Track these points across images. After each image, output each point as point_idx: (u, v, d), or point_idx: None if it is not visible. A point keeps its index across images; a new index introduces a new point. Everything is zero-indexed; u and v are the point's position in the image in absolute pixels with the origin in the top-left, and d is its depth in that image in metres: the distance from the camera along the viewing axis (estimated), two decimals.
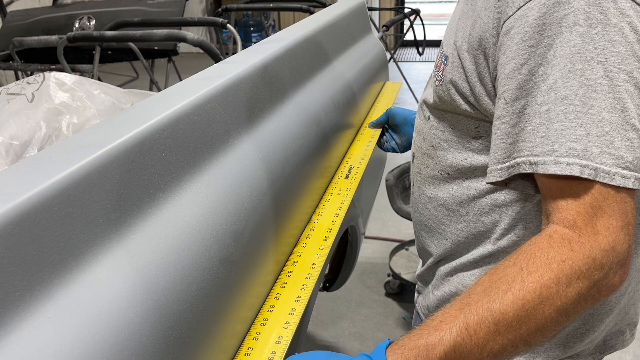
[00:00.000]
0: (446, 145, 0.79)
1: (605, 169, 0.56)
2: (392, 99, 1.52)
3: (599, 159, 0.56)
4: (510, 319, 0.56)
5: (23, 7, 3.59)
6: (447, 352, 0.57)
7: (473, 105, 0.71)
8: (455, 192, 0.80)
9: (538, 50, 0.59)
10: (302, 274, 0.82)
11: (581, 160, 0.56)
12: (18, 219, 0.43)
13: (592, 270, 0.56)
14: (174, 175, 0.63)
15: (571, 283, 0.55)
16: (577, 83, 0.57)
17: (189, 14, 6.14)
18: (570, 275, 0.55)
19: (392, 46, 5.93)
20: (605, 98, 0.56)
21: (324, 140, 1.05)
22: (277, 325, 0.72)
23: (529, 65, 0.60)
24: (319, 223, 0.95)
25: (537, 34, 0.59)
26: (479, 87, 0.68)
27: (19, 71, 2.78)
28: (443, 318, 0.59)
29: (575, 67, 0.57)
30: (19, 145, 0.93)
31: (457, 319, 0.58)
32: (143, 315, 0.51)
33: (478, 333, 0.56)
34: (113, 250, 0.52)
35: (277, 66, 0.95)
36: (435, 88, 0.78)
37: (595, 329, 0.79)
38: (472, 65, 0.68)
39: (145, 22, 2.42)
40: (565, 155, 0.57)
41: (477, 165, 0.75)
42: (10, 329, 0.42)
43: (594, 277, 0.56)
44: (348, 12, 1.44)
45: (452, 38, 0.74)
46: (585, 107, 0.56)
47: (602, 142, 0.56)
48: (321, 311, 2.27)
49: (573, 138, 0.56)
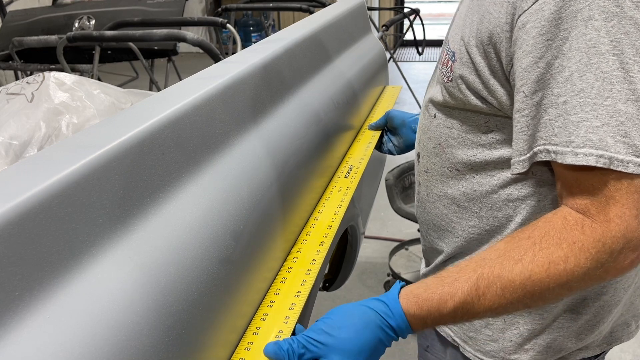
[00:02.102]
0: (454, 142, 0.79)
1: (620, 157, 0.58)
2: (392, 102, 1.53)
3: (613, 148, 0.58)
4: (516, 287, 0.61)
5: (23, 7, 3.59)
6: (456, 307, 0.64)
7: (485, 100, 0.72)
8: (466, 189, 0.80)
9: (554, 44, 0.60)
10: (302, 270, 0.83)
11: (597, 150, 0.58)
12: (18, 219, 0.43)
13: (601, 254, 0.59)
14: (173, 175, 0.63)
15: (579, 263, 0.59)
16: (593, 76, 0.58)
17: (189, 14, 6.14)
18: (578, 257, 0.59)
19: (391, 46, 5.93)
20: (621, 89, 0.57)
21: (323, 140, 1.05)
22: (277, 320, 0.73)
23: (546, 58, 0.61)
24: (319, 220, 0.96)
25: (553, 27, 0.60)
26: (493, 80, 0.69)
27: (18, 71, 2.78)
28: (457, 276, 0.65)
29: (591, 61, 0.58)
30: (18, 145, 0.93)
31: (469, 280, 0.64)
32: (143, 314, 0.51)
33: (486, 295, 0.63)
34: (113, 250, 0.52)
35: (277, 66, 0.95)
36: (445, 85, 0.78)
37: (605, 320, 0.80)
38: (482, 60, 0.69)
39: (145, 22, 2.42)
40: (582, 146, 0.59)
41: (489, 160, 0.76)
42: (10, 328, 0.42)
43: (602, 260, 0.59)
44: (348, 12, 1.44)
45: (459, 34, 0.74)
46: (600, 99, 0.58)
47: (617, 132, 0.57)
48: (321, 311, 2.26)
49: (589, 129, 0.58)
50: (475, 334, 0.85)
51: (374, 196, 1.73)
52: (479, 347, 0.85)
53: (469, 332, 0.86)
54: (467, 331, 0.86)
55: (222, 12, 3.24)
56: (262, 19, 5.39)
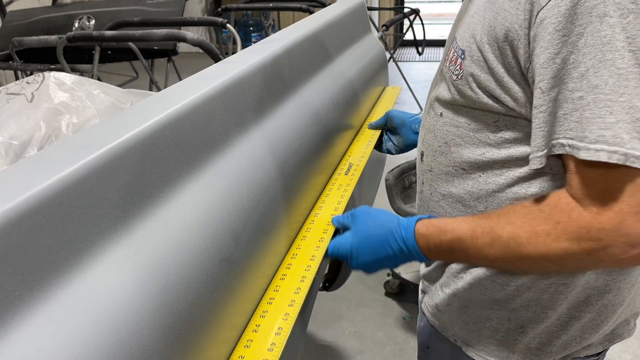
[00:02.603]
0: (461, 141, 0.79)
1: (636, 154, 0.58)
2: (392, 102, 1.53)
3: (630, 144, 0.58)
4: (503, 243, 0.69)
5: (22, 7, 3.59)
6: (453, 240, 0.73)
7: (497, 99, 0.72)
8: (472, 188, 0.80)
9: (570, 39, 0.61)
10: (302, 266, 0.83)
11: (610, 146, 0.58)
12: (18, 218, 0.43)
13: (585, 240, 0.62)
14: (173, 175, 0.63)
15: (559, 241, 0.64)
16: (608, 72, 0.58)
17: (189, 14, 6.14)
18: (560, 236, 0.64)
19: (391, 46, 5.93)
20: (637, 85, 0.57)
21: (323, 139, 1.05)
22: (276, 316, 0.73)
23: (562, 54, 0.61)
24: (319, 217, 0.96)
25: (569, 23, 0.60)
26: (507, 78, 0.69)
27: (18, 71, 2.78)
28: (464, 219, 0.74)
29: (605, 57, 0.58)
30: (18, 145, 0.93)
31: (471, 224, 0.72)
32: (143, 314, 0.51)
33: (479, 239, 0.71)
34: (113, 249, 0.52)
35: (277, 66, 0.95)
36: (454, 82, 0.78)
37: (609, 319, 0.81)
38: (495, 58, 0.69)
39: (144, 21, 2.42)
40: (594, 142, 0.59)
41: (496, 160, 0.76)
42: (10, 328, 0.42)
43: (586, 246, 0.62)
44: (348, 12, 1.44)
45: (469, 32, 0.74)
46: (615, 96, 0.58)
47: (633, 128, 0.58)
48: (321, 311, 2.27)
49: (602, 126, 0.59)
50: (479, 333, 0.85)
51: (374, 196, 1.73)
52: (482, 347, 0.85)
53: (473, 332, 0.86)
54: (470, 331, 0.86)
55: (222, 12, 3.24)
56: (262, 19, 5.39)
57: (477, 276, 0.83)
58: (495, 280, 0.81)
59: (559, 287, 0.78)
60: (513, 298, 0.81)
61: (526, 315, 0.81)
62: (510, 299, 0.81)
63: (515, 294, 0.80)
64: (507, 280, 0.80)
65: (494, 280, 0.81)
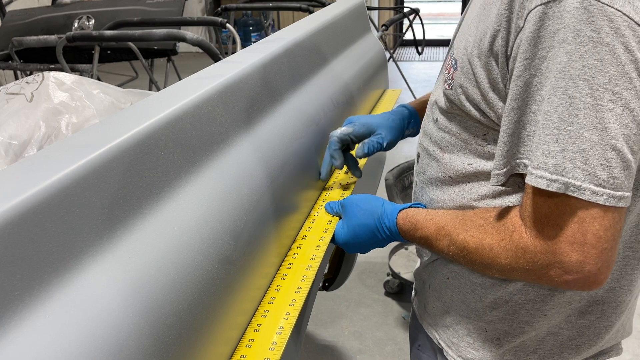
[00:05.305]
0: (454, 149, 0.79)
1: (576, 184, 0.57)
2: (392, 103, 1.53)
3: (572, 174, 0.57)
4: (457, 246, 0.74)
5: (22, 6, 3.59)
6: (422, 237, 0.81)
7: (483, 112, 0.71)
8: (457, 195, 0.80)
9: (532, 62, 0.60)
10: (302, 266, 0.83)
11: (550, 174, 0.59)
12: (17, 218, 0.43)
13: (521, 260, 0.65)
14: (173, 175, 0.63)
15: (500, 257, 0.68)
16: (558, 100, 0.58)
17: (188, 14, 6.14)
18: (500, 252, 0.67)
19: (391, 46, 5.94)
20: (587, 116, 0.56)
21: (323, 138, 1.05)
22: (277, 316, 0.73)
23: (525, 76, 0.61)
24: (319, 216, 0.96)
25: (532, 47, 0.60)
26: (492, 94, 0.69)
27: (18, 71, 2.78)
28: (437, 217, 0.79)
29: (558, 84, 0.58)
30: (18, 145, 0.93)
31: (437, 225, 0.78)
32: (142, 314, 0.51)
33: (440, 240, 0.77)
34: (112, 249, 0.52)
35: (277, 66, 0.95)
36: (445, 91, 0.78)
37: (592, 343, 0.81)
38: (483, 72, 0.69)
39: (144, 21, 2.42)
40: (536, 168, 0.60)
41: (482, 171, 0.76)
42: (9, 328, 0.42)
43: (523, 265, 0.65)
44: (347, 12, 1.44)
45: (463, 42, 0.74)
46: (563, 124, 0.57)
47: (577, 158, 0.57)
48: (321, 310, 2.27)
49: (546, 153, 0.59)
50: (458, 340, 0.85)
51: None
52: (460, 353, 0.85)
53: (452, 337, 0.86)
54: (451, 337, 0.86)
55: (222, 11, 3.24)
56: (262, 18, 5.38)
57: (459, 285, 0.83)
58: (475, 291, 0.81)
59: (537, 304, 0.78)
60: (490, 310, 0.81)
61: (502, 328, 0.80)
62: (488, 310, 0.81)
63: (492, 307, 0.80)
64: (485, 292, 0.80)
65: (473, 290, 0.81)
